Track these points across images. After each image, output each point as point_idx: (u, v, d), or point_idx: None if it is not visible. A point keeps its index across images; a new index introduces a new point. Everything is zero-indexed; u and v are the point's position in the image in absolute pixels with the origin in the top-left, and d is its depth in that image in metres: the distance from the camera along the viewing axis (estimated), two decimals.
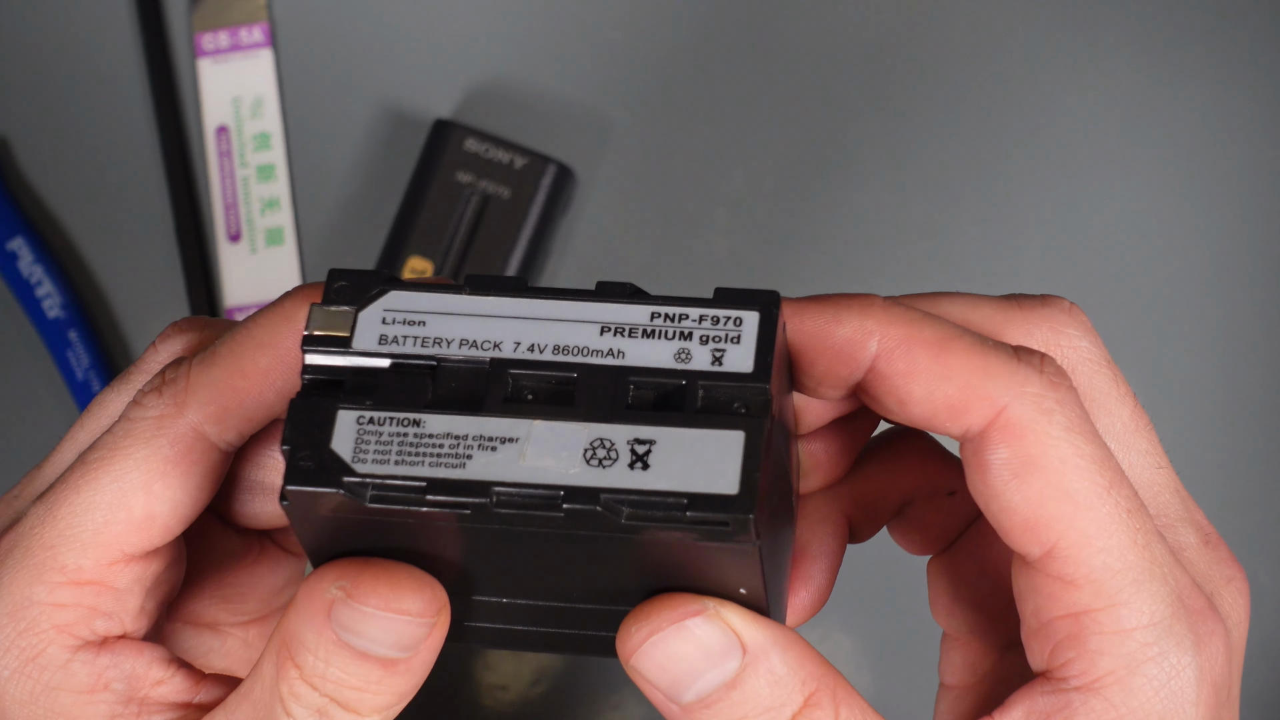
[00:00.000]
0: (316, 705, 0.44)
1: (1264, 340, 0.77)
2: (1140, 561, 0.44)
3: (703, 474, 0.41)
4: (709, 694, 0.43)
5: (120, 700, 0.46)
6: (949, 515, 0.51)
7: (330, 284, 0.44)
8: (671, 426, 0.42)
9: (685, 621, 0.43)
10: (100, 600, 0.46)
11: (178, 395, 0.46)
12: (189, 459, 0.46)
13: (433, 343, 0.43)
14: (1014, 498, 0.44)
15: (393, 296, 0.44)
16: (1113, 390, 0.47)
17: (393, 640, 0.43)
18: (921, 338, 0.44)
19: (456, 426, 0.42)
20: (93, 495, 0.46)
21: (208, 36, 0.79)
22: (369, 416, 0.42)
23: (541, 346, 0.43)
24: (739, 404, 0.42)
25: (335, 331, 0.43)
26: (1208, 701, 0.45)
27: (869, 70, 0.78)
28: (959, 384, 0.44)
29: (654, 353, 0.43)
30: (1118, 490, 0.44)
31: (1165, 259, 0.78)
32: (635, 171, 0.78)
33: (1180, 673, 0.44)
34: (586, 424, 0.42)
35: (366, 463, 0.42)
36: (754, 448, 0.41)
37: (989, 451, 0.44)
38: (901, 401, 0.44)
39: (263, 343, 0.45)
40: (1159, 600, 0.44)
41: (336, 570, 0.43)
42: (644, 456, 0.42)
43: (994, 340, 0.45)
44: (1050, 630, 0.45)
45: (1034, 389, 0.44)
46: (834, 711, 0.44)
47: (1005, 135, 0.78)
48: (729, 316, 0.43)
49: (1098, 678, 0.44)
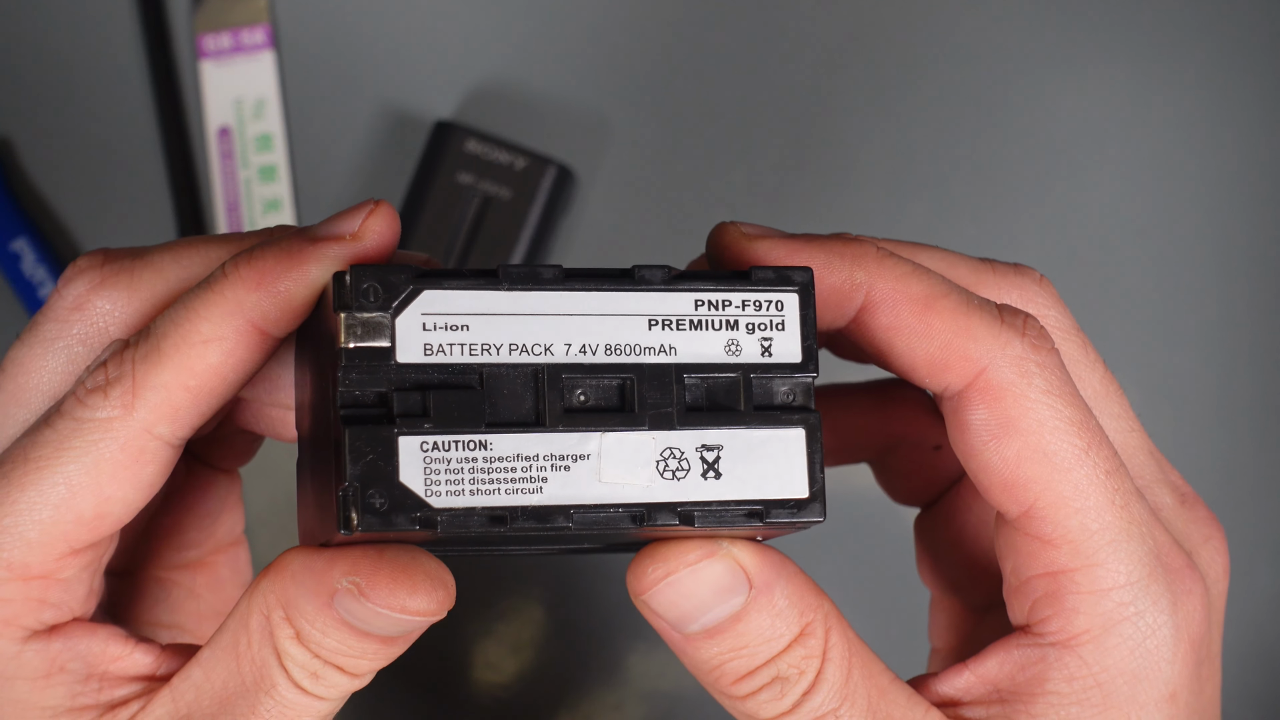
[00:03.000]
0: (311, 668, 0.44)
1: (1259, 337, 0.77)
2: (1117, 522, 0.44)
3: (773, 478, 0.42)
4: (714, 625, 0.44)
5: (78, 680, 0.46)
6: (933, 470, 0.52)
7: (356, 284, 0.41)
8: (734, 428, 0.42)
9: (700, 564, 0.43)
10: (48, 593, 0.45)
11: (124, 397, 0.44)
12: (140, 461, 0.44)
13: (480, 350, 0.41)
14: (992, 458, 0.44)
15: (428, 297, 0.41)
16: (1082, 358, 0.47)
17: (394, 631, 0.43)
18: (908, 293, 0.44)
19: (525, 446, 0.41)
20: (38, 496, 0.44)
21: (210, 38, 0.79)
22: (432, 442, 0.41)
23: (593, 347, 0.42)
24: (789, 393, 0.42)
25: (375, 343, 0.41)
26: (1185, 658, 0.45)
27: (869, 70, 0.78)
28: (941, 343, 0.44)
29: (704, 346, 0.42)
30: (1096, 452, 0.44)
31: (1165, 258, 0.78)
32: (635, 171, 0.78)
33: (1156, 631, 0.45)
34: (653, 433, 0.41)
35: (440, 495, 0.40)
36: (815, 444, 0.42)
37: (969, 411, 0.44)
38: (883, 354, 0.45)
39: (210, 336, 0.44)
40: (1136, 560, 0.45)
41: (349, 561, 0.43)
42: (714, 465, 0.42)
43: (980, 299, 0.45)
44: (1029, 588, 0.45)
45: (1015, 351, 0.44)
46: (824, 640, 0.44)
47: (1004, 135, 0.78)
48: (770, 300, 0.43)
49: (1073, 635, 0.45)
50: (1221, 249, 0.77)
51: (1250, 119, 0.78)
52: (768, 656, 0.44)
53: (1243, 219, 0.78)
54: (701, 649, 0.44)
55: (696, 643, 0.44)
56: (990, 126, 0.78)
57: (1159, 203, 0.78)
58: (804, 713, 0.44)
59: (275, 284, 0.43)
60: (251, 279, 0.44)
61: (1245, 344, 0.77)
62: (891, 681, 0.45)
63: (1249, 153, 0.78)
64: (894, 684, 0.45)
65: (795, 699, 0.44)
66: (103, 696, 0.46)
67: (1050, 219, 0.78)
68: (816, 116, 0.78)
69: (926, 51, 0.78)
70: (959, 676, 0.46)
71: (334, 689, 0.44)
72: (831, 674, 0.44)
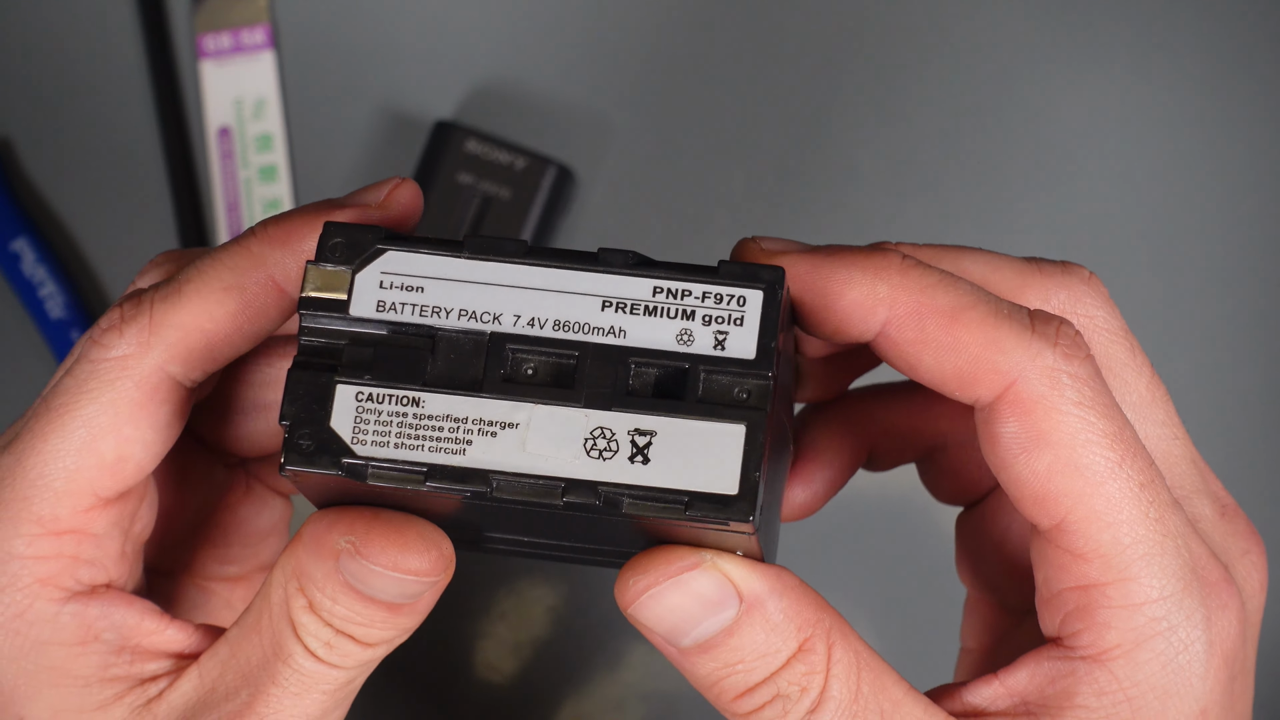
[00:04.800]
0: (325, 638, 0.44)
1: (1260, 337, 0.77)
2: (1151, 536, 0.44)
3: (702, 470, 0.41)
4: (707, 640, 0.43)
5: (112, 650, 0.46)
6: (979, 469, 0.51)
7: (325, 239, 0.43)
8: (672, 416, 0.41)
9: (682, 575, 0.43)
10: (81, 548, 0.46)
11: (141, 334, 0.45)
12: (156, 399, 0.45)
13: (431, 311, 0.42)
14: (1023, 471, 0.43)
15: (390, 257, 0.43)
16: (1130, 361, 0.47)
17: (397, 592, 0.44)
18: (934, 306, 0.44)
19: (456, 408, 0.42)
20: (60, 442, 0.45)
21: (210, 38, 0.79)
22: (368, 393, 0.42)
23: (542, 321, 0.42)
24: (740, 391, 0.42)
25: (333, 294, 0.42)
26: (1218, 675, 0.45)
27: (869, 70, 0.78)
28: (969, 357, 0.43)
29: (656, 333, 0.42)
30: (1130, 464, 0.44)
31: (1165, 258, 0.78)
32: (635, 171, 0.78)
33: (1189, 647, 0.44)
34: (587, 410, 0.42)
35: (366, 444, 0.42)
36: (754, 443, 0.41)
37: (998, 424, 0.44)
38: (911, 368, 0.44)
39: (230, 285, 0.45)
40: (1169, 574, 0.44)
41: (346, 522, 0.43)
42: (644, 450, 0.41)
43: (1011, 306, 0.44)
44: (1061, 600, 0.45)
45: (1046, 362, 0.43)
46: (826, 655, 0.44)
47: (1004, 135, 0.78)
48: (732, 295, 0.42)
49: (1105, 650, 0.44)
50: (1222, 249, 0.77)
51: (1250, 119, 0.78)
52: (766, 673, 0.44)
53: (1243, 219, 0.78)
54: (697, 664, 0.44)
55: (691, 658, 0.44)
56: (991, 127, 0.78)
57: (1159, 203, 0.78)
58: None
59: (300, 243, 0.45)
60: (278, 237, 0.45)
61: (1246, 344, 0.77)
62: (906, 694, 0.44)
63: (1249, 153, 0.78)
64: (909, 696, 0.44)
65: (799, 717, 0.44)
66: (134, 669, 0.46)
67: (1050, 219, 0.78)
68: (817, 116, 0.78)
69: (927, 51, 0.78)
70: (988, 687, 0.45)
71: (348, 658, 0.45)
72: (837, 690, 0.44)
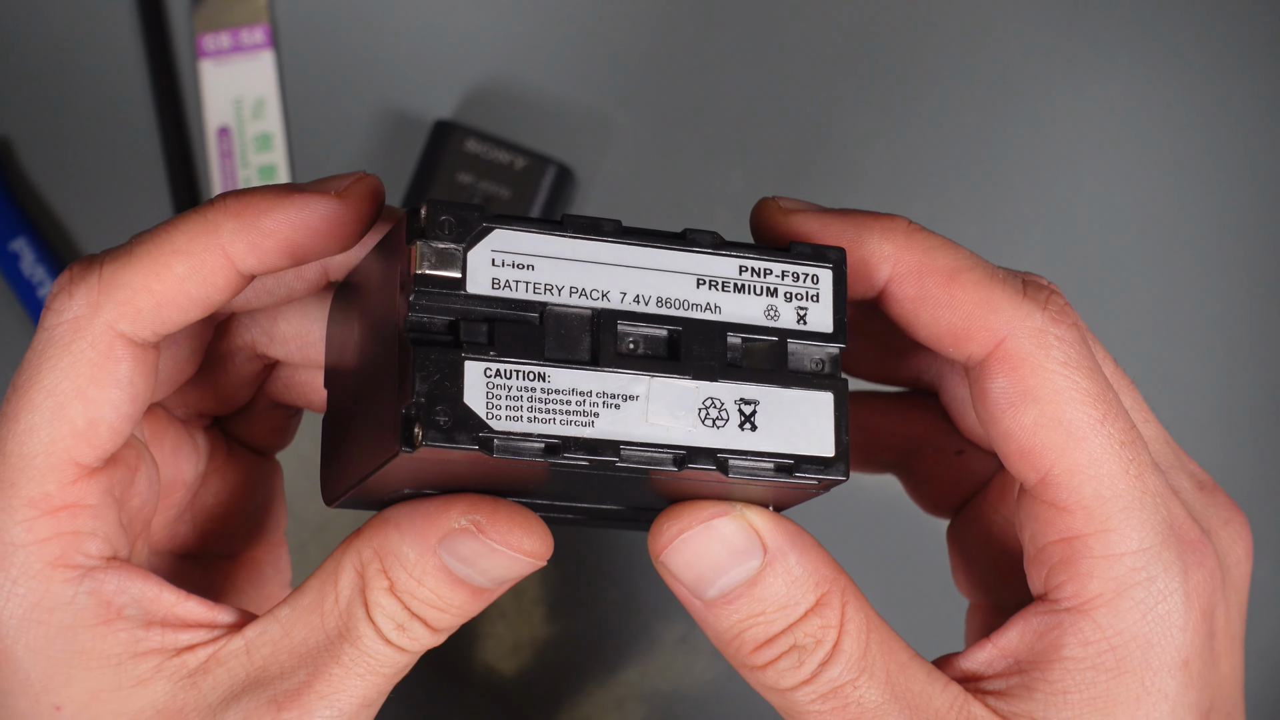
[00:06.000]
0: (399, 619, 0.45)
1: (1260, 338, 0.77)
2: (1131, 490, 0.46)
3: (802, 435, 0.45)
4: (730, 590, 0.45)
5: (139, 625, 0.46)
6: (957, 474, 0.53)
7: (434, 216, 0.43)
8: (770, 386, 0.45)
9: (713, 521, 0.45)
10: (79, 522, 0.46)
11: (90, 295, 0.45)
12: (113, 357, 0.46)
13: (543, 289, 0.44)
14: (1010, 425, 0.46)
15: (499, 235, 0.44)
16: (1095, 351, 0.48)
17: (498, 575, 0.45)
18: (934, 266, 0.46)
19: (580, 382, 0.44)
20: (31, 417, 0.45)
21: (209, 38, 0.79)
22: (495, 369, 0.43)
23: (645, 298, 0.45)
24: (821, 362, 0.45)
25: (447, 271, 0.43)
26: (1197, 627, 0.46)
27: (868, 70, 0.78)
28: (964, 314, 0.46)
29: (746, 308, 0.45)
30: (1112, 423, 0.46)
31: (1165, 258, 0.78)
32: (635, 171, 0.78)
33: (1167, 597, 0.46)
34: (697, 382, 0.44)
35: (501, 419, 0.43)
36: (843, 409, 0.45)
37: (989, 380, 0.46)
38: (909, 324, 0.47)
39: (181, 249, 0.45)
40: (1148, 527, 0.46)
41: (465, 504, 0.45)
42: (751, 418, 0.44)
43: (1005, 272, 0.47)
44: (1045, 555, 0.46)
45: (1035, 323, 0.46)
46: (840, 612, 0.46)
47: (1004, 135, 0.78)
48: (807, 274, 0.46)
49: (1087, 599, 0.46)
50: (1222, 250, 0.78)
51: (1250, 119, 0.78)
52: (785, 624, 0.45)
53: (1243, 219, 0.78)
54: (721, 616, 0.46)
55: (716, 610, 0.46)
56: (990, 127, 0.78)
57: (1160, 203, 0.78)
58: (821, 683, 0.45)
59: (255, 218, 0.45)
60: (234, 209, 0.46)
61: (1246, 345, 0.77)
62: (911, 658, 0.46)
63: (1249, 153, 0.78)
64: (913, 660, 0.46)
65: (813, 668, 0.45)
66: (167, 640, 0.46)
67: (1050, 219, 0.78)
68: (816, 116, 0.78)
69: (927, 52, 0.78)
70: (981, 651, 0.47)
71: (416, 642, 0.46)
72: (849, 645, 0.45)
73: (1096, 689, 0.46)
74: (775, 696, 0.46)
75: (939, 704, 0.46)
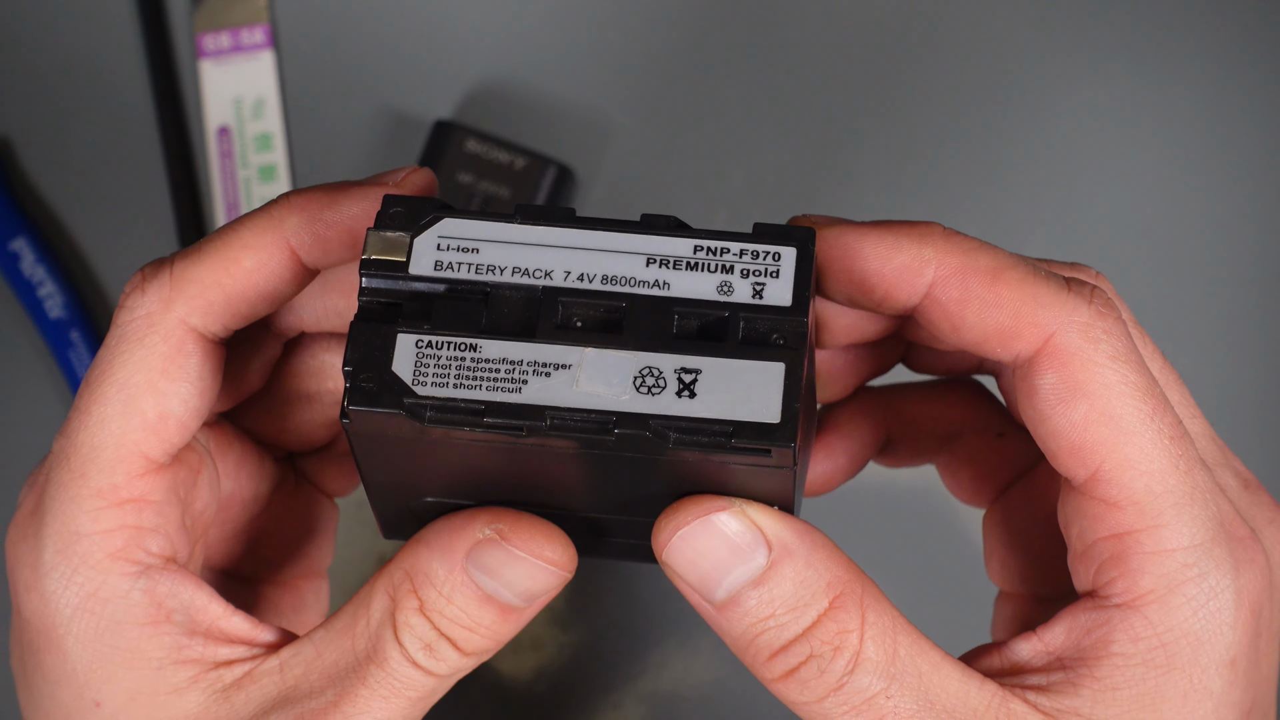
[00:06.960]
0: (427, 639, 0.46)
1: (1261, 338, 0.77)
2: (1181, 486, 0.45)
3: (746, 403, 0.44)
4: (737, 590, 0.45)
5: (184, 631, 0.47)
6: (998, 458, 0.53)
7: (385, 209, 0.45)
8: (715, 356, 0.44)
9: (711, 516, 0.45)
10: (143, 517, 0.47)
11: (162, 291, 0.46)
12: (184, 351, 0.47)
13: (486, 269, 0.45)
14: (1060, 421, 0.45)
15: (446, 224, 0.45)
16: (1141, 347, 0.48)
17: (524, 587, 0.46)
18: (976, 266, 0.46)
19: (512, 352, 0.44)
20: (103, 409, 0.46)
21: (209, 37, 0.79)
22: (427, 340, 0.44)
23: (591, 276, 0.45)
24: (778, 335, 0.44)
25: (392, 256, 0.45)
26: (1246, 623, 0.46)
27: (869, 70, 0.78)
28: (1010, 311, 0.46)
29: (698, 285, 0.44)
30: (1160, 417, 0.45)
31: (1166, 258, 0.78)
32: (635, 171, 0.78)
33: (1219, 594, 0.45)
34: (635, 353, 0.44)
35: (426, 385, 0.44)
36: (794, 379, 0.44)
37: (1037, 376, 0.45)
38: (955, 327, 0.46)
39: (248, 243, 0.47)
40: (1199, 523, 0.45)
41: (488, 515, 0.46)
42: (690, 385, 0.44)
43: (1047, 270, 0.46)
44: (1095, 552, 0.46)
45: (1082, 318, 0.45)
46: (860, 615, 0.45)
47: (1005, 135, 0.78)
48: (768, 252, 0.45)
49: (1138, 596, 0.45)
50: (1223, 250, 0.78)
51: (1250, 119, 0.78)
52: (798, 630, 0.44)
53: (1244, 220, 0.78)
54: (733, 621, 0.45)
55: (726, 613, 0.45)
56: (991, 126, 0.78)
57: (1160, 203, 0.78)
58: (849, 693, 0.44)
59: (318, 211, 0.47)
60: (297, 204, 0.47)
61: (1246, 345, 0.77)
62: (943, 658, 0.45)
63: (1250, 153, 0.78)
64: (945, 660, 0.45)
65: (836, 678, 0.44)
66: (207, 652, 0.47)
67: (1051, 219, 0.78)
68: (817, 116, 0.78)
69: (927, 51, 0.78)
70: (1026, 643, 0.47)
71: (444, 663, 0.46)
72: (873, 651, 0.44)
73: (1145, 685, 0.45)
74: (804, 711, 0.45)
75: (976, 703, 0.45)
